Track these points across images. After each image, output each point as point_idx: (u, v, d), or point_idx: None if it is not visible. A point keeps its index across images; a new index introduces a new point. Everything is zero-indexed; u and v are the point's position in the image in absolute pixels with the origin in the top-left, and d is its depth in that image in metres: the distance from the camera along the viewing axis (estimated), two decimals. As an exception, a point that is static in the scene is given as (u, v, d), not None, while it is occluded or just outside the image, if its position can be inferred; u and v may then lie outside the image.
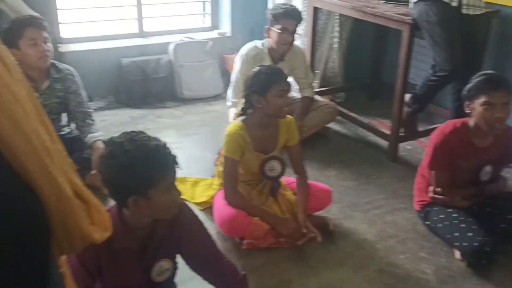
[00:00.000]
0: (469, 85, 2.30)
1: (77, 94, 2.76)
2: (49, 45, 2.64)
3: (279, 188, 2.51)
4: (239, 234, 2.35)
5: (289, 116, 2.49)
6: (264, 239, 2.33)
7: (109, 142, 1.50)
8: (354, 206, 2.72)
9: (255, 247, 2.31)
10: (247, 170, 2.47)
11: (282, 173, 2.48)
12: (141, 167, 1.42)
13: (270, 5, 4.14)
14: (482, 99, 2.22)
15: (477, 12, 2.88)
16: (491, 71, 2.38)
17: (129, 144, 1.44)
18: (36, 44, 2.56)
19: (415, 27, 2.92)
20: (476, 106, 2.26)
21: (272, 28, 3.19)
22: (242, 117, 2.43)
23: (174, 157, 1.51)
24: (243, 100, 2.45)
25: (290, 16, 3.14)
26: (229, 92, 3.44)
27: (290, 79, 3.45)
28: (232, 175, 2.36)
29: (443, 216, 2.37)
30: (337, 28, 4.04)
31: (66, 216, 0.75)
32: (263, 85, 2.28)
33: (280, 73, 2.33)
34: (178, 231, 1.65)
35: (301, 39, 3.92)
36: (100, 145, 2.63)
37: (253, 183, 2.54)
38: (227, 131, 2.37)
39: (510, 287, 2.13)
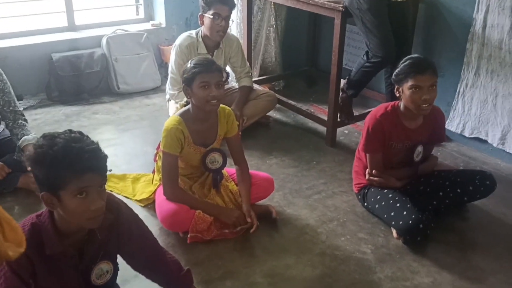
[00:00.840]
0: (397, 70, 2.39)
1: (4, 92, 2.63)
2: None
3: (221, 180, 2.51)
4: (182, 228, 2.33)
5: (227, 108, 2.49)
6: (208, 232, 2.32)
7: (38, 140, 1.45)
8: (295, 192, 2.77)
9: (200, 240, 2.31)
10: (187, 163, 2.45)
11: (223, 165, 2.48)
12: (49, 165, 1.38)
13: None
14: (409, 83, 2.31)
15: (405, -1, 2.99)
16: (417, 55, 2.47)
17: (46, 140, 1.40)
18: None
19: (346, 14, 2.98)
20: (405, 89, 2.34)
21: (205, 14, 3.16)
22: (180, 111, 2.40)
23: (95, 161, 1.41)
24: (182, 93, 2.42)
25: (222, 2, 3.12)
26: (167, 85, 3.40)
27: (228, 69, 3.49)
28: (171, 171, 2.34)
29: (379, 197, 2.46)
30: (272, 16, 4.07)
31: None
32: (188, 77, 2.27)
33: (206, 64, 2.28)
34: (117, 232, 1.61)
35: (237, 28, 3.92)
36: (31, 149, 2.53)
37: (194, 177, 2.53)
38: (165, 126, 2.34)
39: (443, 261, 2.25)
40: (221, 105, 2.42)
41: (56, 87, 3.87)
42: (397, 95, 2.41)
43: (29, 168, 2.34)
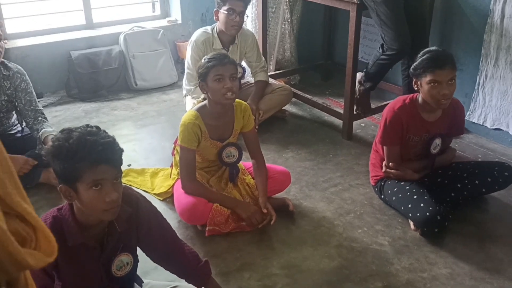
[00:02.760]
0: (415, 63, 2.35)
1: (27, 92, 2.71)
2: (2, 44, 2.59)
3: (238, 173, 2.54)
4: (200, 221, 2.36)
5: (243, 102, 2.51)
6: (226, 224, 2.35)
7: (56, 134, 1.50)
8: (312, 185, 2.78)
9: (218, 233, 2.34)
10: (204, 158, 2.48)
11: (239, 159, 2.50)
12: (65, 158, 1.42)
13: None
14: (428, 78, 2.28)
15: (421, -11, 2.96)
16: (435, 48, 2.41)
17: (63, 134, 1.45)
18: None
19: (362, 7, 2.97)
20: (423, 84, 2.31)
21: (220, 10, 3.19)
22: (197, 106, 2.43)
23: (109, 154, 1.44)
24: (198, 89, 2.45)
25: None
26: (184, 80, 3.43)
27: (243, 64, 3.51)
28: (189, 165, 2.36)
29: (396, 189, 2.46)
30: (287, 11, 4.07)
31: None
32: (203, 71, 2.30)
33: (220, 58, 2.30)
34: (136, 224, 1.65)
35: (252, 23, 3.93)
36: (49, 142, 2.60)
37: (212, 170, 2.56)
38: (182, 120, 2.37)
39: (461, 252, 2.24)
40: (237, 100, 2.44)
41: (75, 84, 3.93)
42: (415, 88, 2.39)
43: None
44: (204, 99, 2.44)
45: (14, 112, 2.81)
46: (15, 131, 2.85)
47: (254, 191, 2.50)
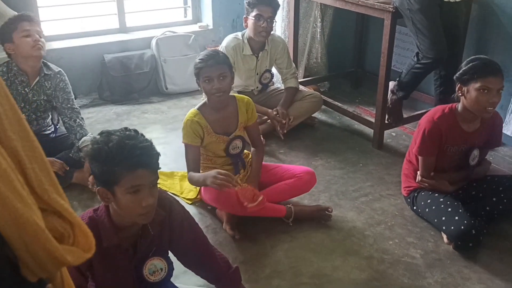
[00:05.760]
0: (463, 68, 2.29)
1: (65, 91, 2.78)
2: (43, 40, 2.66)
3: (243, 165, 2.62)
4: (228, 207, 2.38)
5: (245, 97, 2.60)
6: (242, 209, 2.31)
7: (96, 137, 1.53)
8: (342, 194, 2.75)
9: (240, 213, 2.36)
10: (214, 153, 2.55)
11: (243, 149, 2.60)
12: (104, 161, 1.44)
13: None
14: (479, 84, 2.22)
15: (458, -1, 2.91)
16: (484, 56, 2.36)
17: (103, 137, 1.48)
18: (30, 35, 2.59)
19: (397, 15, 2.94)
20: (471, 89, 2.25)
21: (248, 17, 3.20)
22: (198, 104, 2.54)
23: (146, 158, 1.46)
24: None
25: (264, 3, 3.16)
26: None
27: (273, 70, 3.51)
28: (193, 161, 2.46)
29: (429, 201, 2.41)
30: (318, 17, 4.05)
31: (27, 240, 0.71)
32: (195, 71, 2.41)
33: (207, 59, 2.36)
34: (169, 228, 1.65)
35: (281, 29, 3.93)
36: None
37: (228, 170, 2.57)
38: (184, 118, 2.48)
39: (496, 268, 2.18)
40: (239, 95, 2.58)
41: (108, 87, 3.99)
42: (459, 94, 2.33)
43: (86, 164, 2.47)
44: None
45: (50, 112, 2.87)
46: (49, 131, 2.91)
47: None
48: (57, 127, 2.88)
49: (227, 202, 2.35)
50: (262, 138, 2.80)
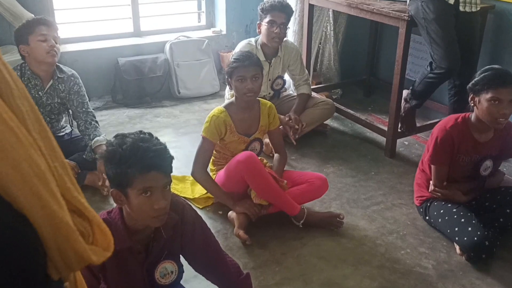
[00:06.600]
0: (476, 78, 2.28)
1: (79, 95, 2.79)
2: (58, 46, 2.69)
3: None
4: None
5: (268, 102, 2.65)
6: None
7: (111, 139, 1.54)
8: (353, 202, 2.73)
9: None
10: (233, 153, 2.57)
11: (260, 151, 2.66)
12: (118, 163, 1.45)
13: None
14: (489, 94, 2.21)
15: (474, 9, 2.90)
16: (497, 66, 2.35)
17: (117, 139, 1.49)
18: (46, 40, 2.62)
19: (412, 24, 2.93)
20: (482, 100, 2.25)
21: (261, 23, 3.22)
22: (225, 103, 2.58)
23: (159, 160, 1.46)
24: None
25: (277, 9, 3.17)
26: (227, 90, 3.46)
27: (285, 77, 3.52)
28: (205, 155, 2.52)
29: (442, 211, 2.39)
30: (331, 24, 4.05)
31: (59, 240, 0.73)
32: (228, 70, 2.48)
33: (243, 59, 2.44)
34: (181, 232, 1.65)
35: (293, 35, 3.93)
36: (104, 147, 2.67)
37: None
38: (210, 114, 2.53)
39: (509, 280, 2.15)
40: (263, 100, 2.65)
41: (121, 90, 4.01)
42: (471, 104, 2.32)
43: (98, 164, 2.49)
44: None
45: (63, 115, 2.89)
46: (63, 133, 2.93)
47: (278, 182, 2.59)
48: (72, 128, 2.90)
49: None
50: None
